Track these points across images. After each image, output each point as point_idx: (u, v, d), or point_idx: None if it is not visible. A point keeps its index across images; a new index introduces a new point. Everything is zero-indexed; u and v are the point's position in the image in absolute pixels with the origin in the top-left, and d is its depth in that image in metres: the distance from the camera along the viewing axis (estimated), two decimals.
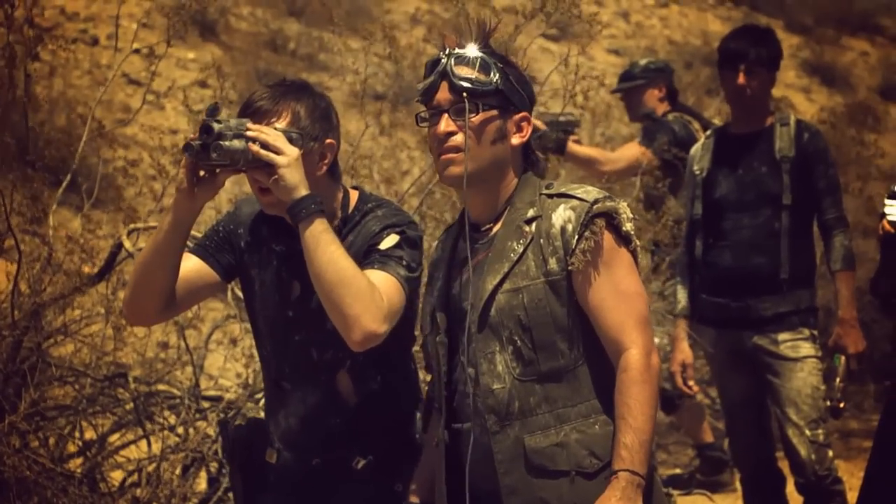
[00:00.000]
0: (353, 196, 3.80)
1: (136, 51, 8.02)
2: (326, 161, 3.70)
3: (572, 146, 7.37)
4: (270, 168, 3.51)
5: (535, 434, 3.37)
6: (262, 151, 3.50)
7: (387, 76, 8.32)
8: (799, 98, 15.78)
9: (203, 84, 12.30)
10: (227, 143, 3.47)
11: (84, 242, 5.84)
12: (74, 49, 6.41)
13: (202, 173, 3.57)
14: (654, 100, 7.95)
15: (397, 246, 3.61)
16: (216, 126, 3.47)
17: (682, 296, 6.19)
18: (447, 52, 3.45)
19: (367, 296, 3.44)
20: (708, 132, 6.39)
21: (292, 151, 3.51)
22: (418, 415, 3.81)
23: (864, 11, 19.49)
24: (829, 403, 5.89)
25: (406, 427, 3.81)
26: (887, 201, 5.10)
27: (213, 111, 3.52)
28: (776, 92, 6.90)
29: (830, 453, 5.89)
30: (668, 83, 8.02)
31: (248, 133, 3.51)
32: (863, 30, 19.32)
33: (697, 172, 6.14)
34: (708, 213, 6.09)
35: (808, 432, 5.83)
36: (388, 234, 3.64)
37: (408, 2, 16.63)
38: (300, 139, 3.62)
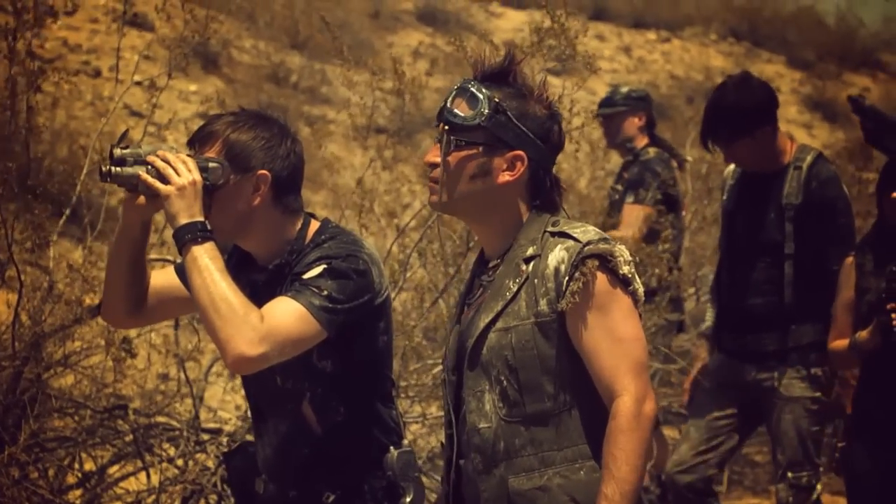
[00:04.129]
0: (313, 227, 3.75)
1: (138, 83, 8.04)
2: (261, 192, 3.66)
3: None
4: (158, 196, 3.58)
5: (518, 476, 3.32)
6: (149, 179, 3.56)
7: (389, 109, 8.34)
8: (800, 134, 15.77)
9: (205, 116, 12.31)
10: (121, 168, 3.57)
11: (85, 272, 5.83)
12: (77, 81, 6.40)
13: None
14: (633, 128, 7.85)
15: (320, 276, 3.56)
16: (116, 152, 3.58)
17: (709, 316, 6.14)
18: (462, 82, 3.42)
19: (237, 319, 3.43)
20: None
21: (179, 181, 3.54)
22: (392, 450, 3.75)
23: (866, 48, 19.54)
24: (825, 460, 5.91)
25: (377, 463, 3.75)
26: None
27: (120, 138, 3.64)
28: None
29: (815, 496, 5.79)
30: (648, 112, 7.93)
31: (149, 160, 3.58)
32: (864, 66, 19.36)
33: (725, 203, 6.03)
34: (725, 247, 6.02)
35: (789, 474, 5.78)
36: (317, 265, 3.59)
37: (410, 36, 16.68)
38: (220, 169, 3.63)
